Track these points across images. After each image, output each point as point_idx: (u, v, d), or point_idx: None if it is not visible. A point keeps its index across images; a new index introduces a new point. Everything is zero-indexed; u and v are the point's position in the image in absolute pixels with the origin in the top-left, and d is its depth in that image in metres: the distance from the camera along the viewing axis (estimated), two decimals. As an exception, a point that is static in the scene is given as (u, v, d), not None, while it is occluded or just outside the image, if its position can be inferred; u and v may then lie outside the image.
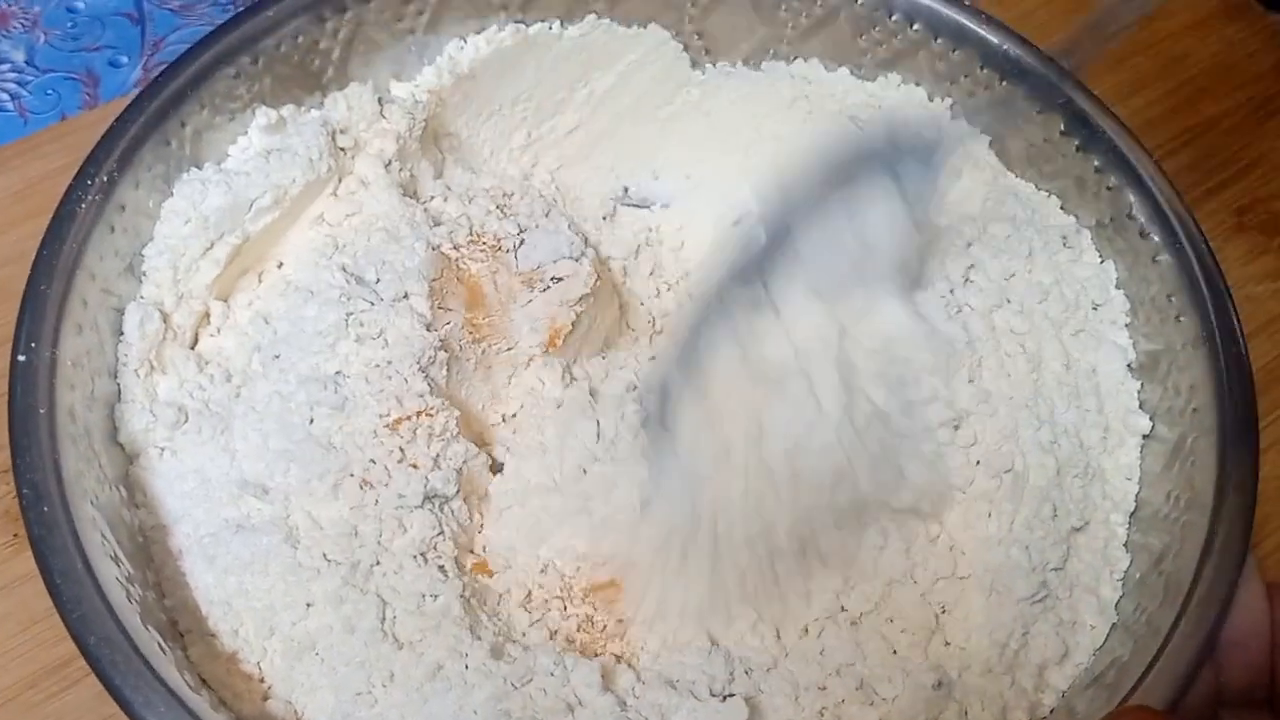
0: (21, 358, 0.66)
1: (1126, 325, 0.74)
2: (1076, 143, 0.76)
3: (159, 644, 0.61)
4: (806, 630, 0.67)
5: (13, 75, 0.99)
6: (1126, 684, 0.60)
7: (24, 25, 1.01)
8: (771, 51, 0.86)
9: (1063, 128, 0.77)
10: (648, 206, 0.90)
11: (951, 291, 0.75)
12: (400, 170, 0.79)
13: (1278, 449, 0.82)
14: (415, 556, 0.65)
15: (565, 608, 0.68)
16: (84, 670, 0.71)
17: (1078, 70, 0.72)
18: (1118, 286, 0.75)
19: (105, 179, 0.71)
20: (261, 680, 0.63)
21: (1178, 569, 0.63)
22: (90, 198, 0.70)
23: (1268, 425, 0.80)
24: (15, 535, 0.76)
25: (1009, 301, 0.74)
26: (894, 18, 0.80)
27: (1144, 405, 0.72)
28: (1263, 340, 0.85)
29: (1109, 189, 0.75)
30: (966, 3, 0.79)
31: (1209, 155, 0.91)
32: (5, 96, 0.98)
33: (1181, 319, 0.70)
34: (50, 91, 0.98)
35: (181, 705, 0.58)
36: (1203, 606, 0.60)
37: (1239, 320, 0.69)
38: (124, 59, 1.01)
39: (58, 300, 0.68)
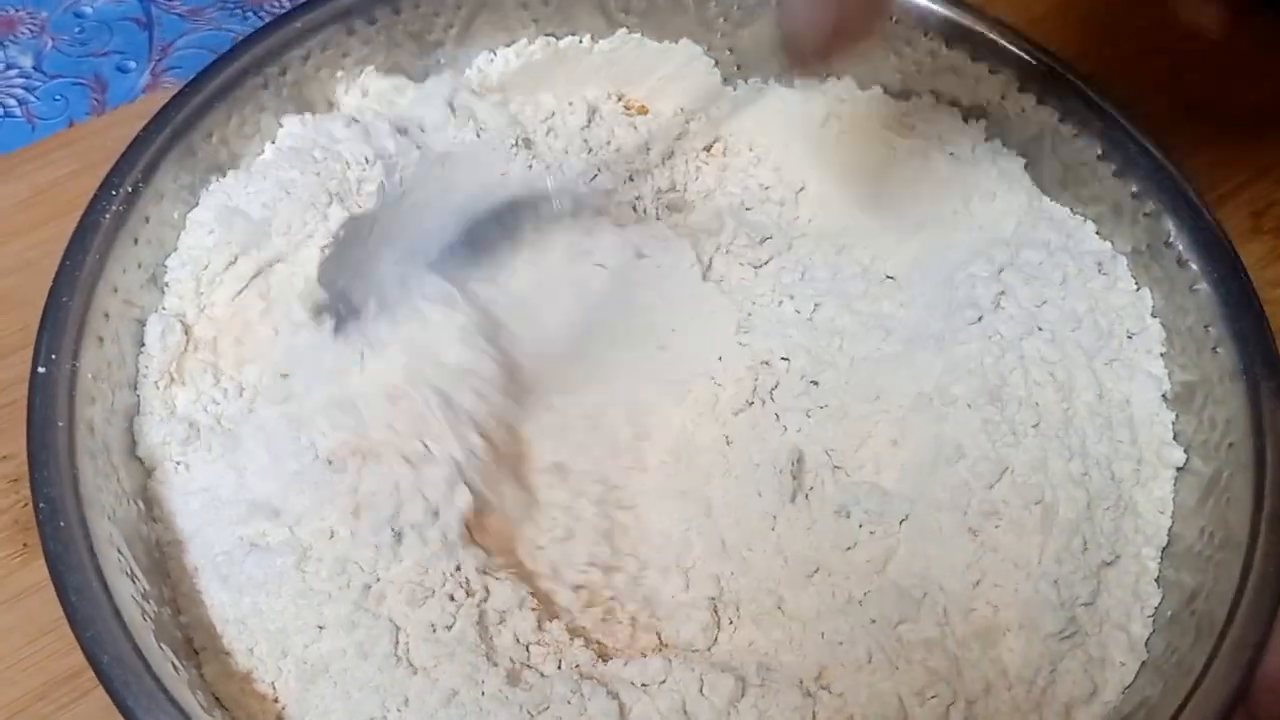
0: (42, 370, 0.65)
1: (1162, 355, 0.73)
2: (1114, 167, 0.75)
3: (173, 663, 0.61)
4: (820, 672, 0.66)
5: (20, 81, 0.98)
6: (1156, 726, 0.59)
7: (31, 31, 1.01)
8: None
9: (1100, 152, 0.76)
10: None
11: (980, 318, 0.73)
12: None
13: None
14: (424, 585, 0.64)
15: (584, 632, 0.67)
16: (94, 681, 0.70)
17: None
18: (1154, 315, 0.74)
19: (129, 189, 0.71)
20: (276, 700, 0.62)
21: (1210, 608, 0.62)
22: (114, 208, 0.70)
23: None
24: (25, 545, 0.76)
25: (1040, 329, 0.73)
26: (929, 36, 0.79)
27: (1178, 437, 0.70)
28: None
29: (1146, 215, 0.74)
30: (1005, 23, 0.78)
31: (1224, 158, 0.90)
32: (13, 103, 0.97)
33: (1219, 350, 0.69)
34: (58, 97, 0.98)
35: (194, 727, 0.57)
36: (1236, 648, 0.59)
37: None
38: (132, 64, 1.01)
39: (79, 312, 0.67)
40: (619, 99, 0.86)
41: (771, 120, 0.84)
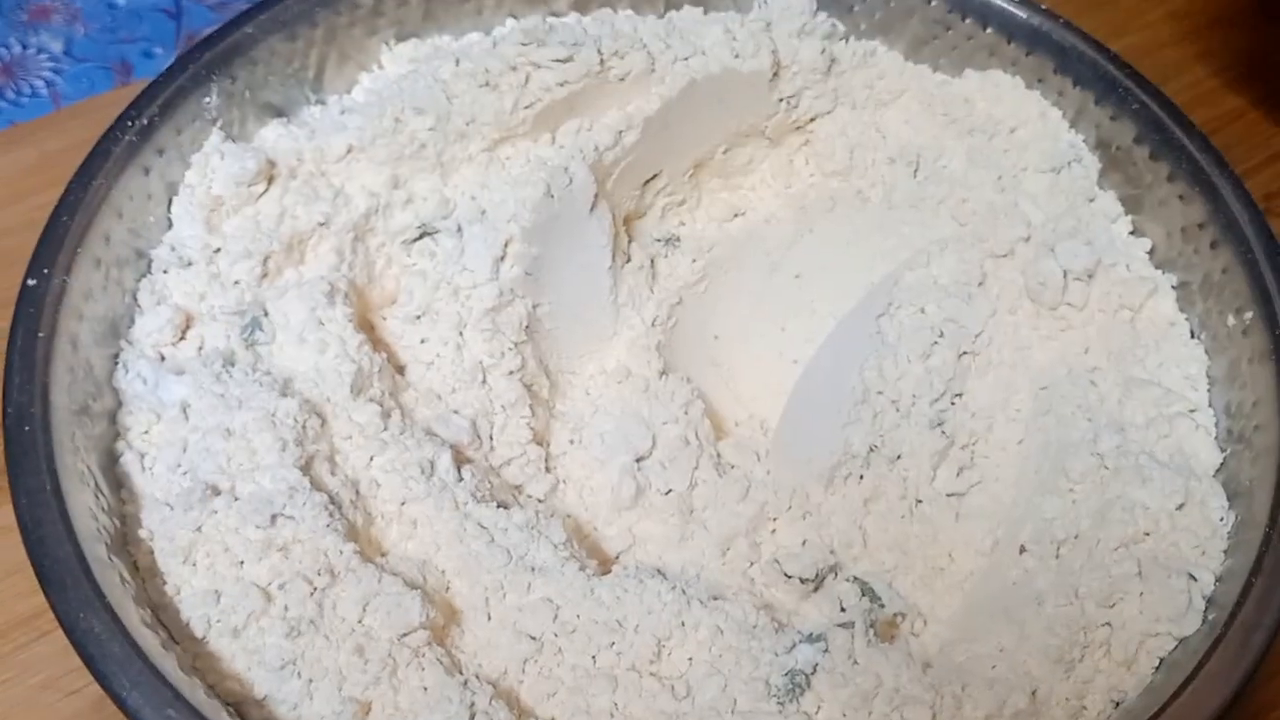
0: (31, 282, 0.65)
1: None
2: (1149, 150, 0.72)
3: (120, 575, 0.58)
4: None
5: (50, 64, 1.01)
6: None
7: (64, 19, 1.04)
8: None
9: (1135, 135, 0.73)
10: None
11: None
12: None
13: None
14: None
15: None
16: (53, 623, 0.69)
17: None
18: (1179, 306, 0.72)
19: (146, 121, 0.71)
20: (211, 626, 0.59)
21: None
22: (126, 138, 0.70)
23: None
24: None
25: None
26: (967, 21, 0.77)
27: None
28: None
29: (1180, 198, 0.71)
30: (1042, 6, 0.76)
31: (1234, 144, 0.91)
32: (40, 83, 1.00)
33: (1248, 334, 0.65)
34: (84, 80, 1.01)
35: (126, 637, 0.55)
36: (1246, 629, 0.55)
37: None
38: (158, 50, 1.03)
39: (78, 232, 0.67)
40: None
41: None
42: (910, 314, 0.73)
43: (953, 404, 0.72)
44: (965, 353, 0.73)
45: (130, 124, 0.71)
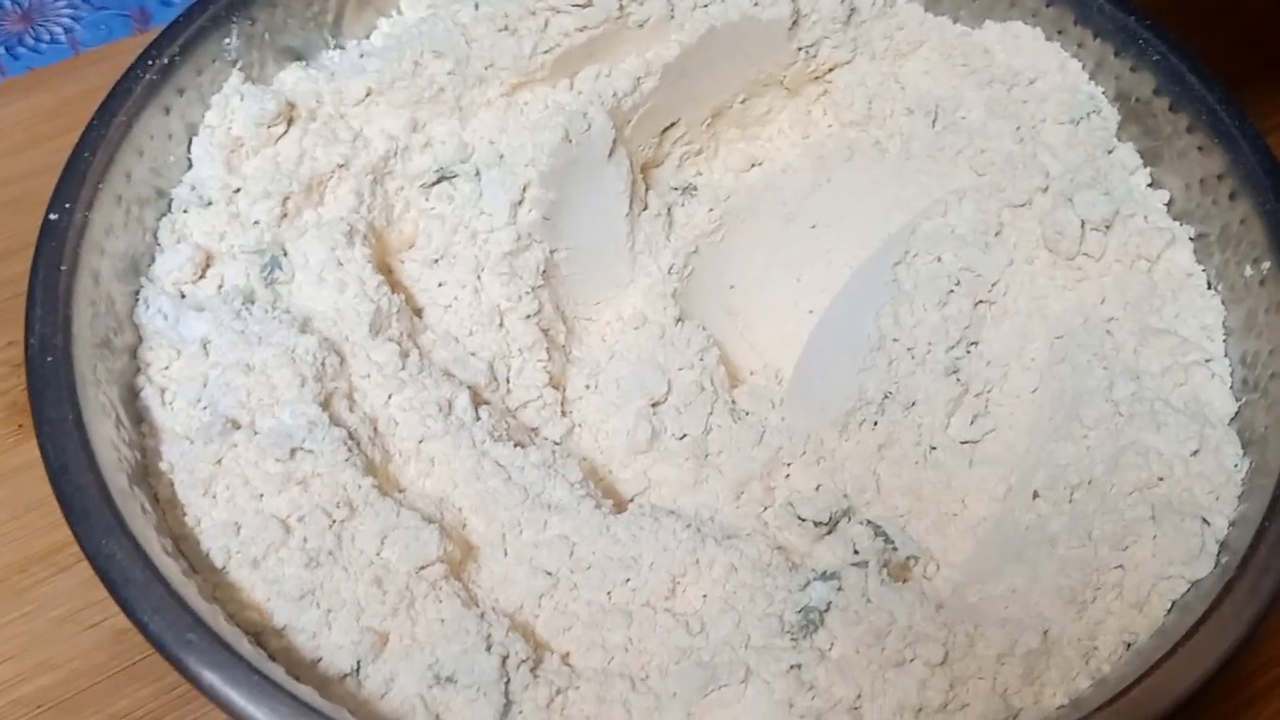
0: (53, 216, 0.65)
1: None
2: (1168, 101, 0.73)
3: (141, 505, 0.59)
4: None
5: (68, 11, 1.01)
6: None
7: None
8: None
9: (1155, 86, 0.73)
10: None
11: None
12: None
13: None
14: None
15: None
16: (74, 557, 0.71)
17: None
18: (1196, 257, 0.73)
19: (166, 61, 0.71)
20: (231, 559, 0.60)
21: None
22: (147, 77, 0.70)
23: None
24: (20, 426, 0.76)
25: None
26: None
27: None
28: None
29: (1200, 149, 0.72)
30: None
31: (1255, 101, 0.87)
32: (59, 30, 1.00)
33: (1265, 284, 0.66)
34: (102, 27, 1.01)
35: (148, 563, 0.55)
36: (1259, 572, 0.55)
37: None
38: None
39: (100, 168, 0.67)
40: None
41: None
42: (927, 262, 0.73)
43: (968, 352, 0.72)
44: (981, 301, 0.73)
45: (151, 63, 0.71)
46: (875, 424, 0.72)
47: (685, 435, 0.72)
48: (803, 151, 0.84)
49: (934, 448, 0.71)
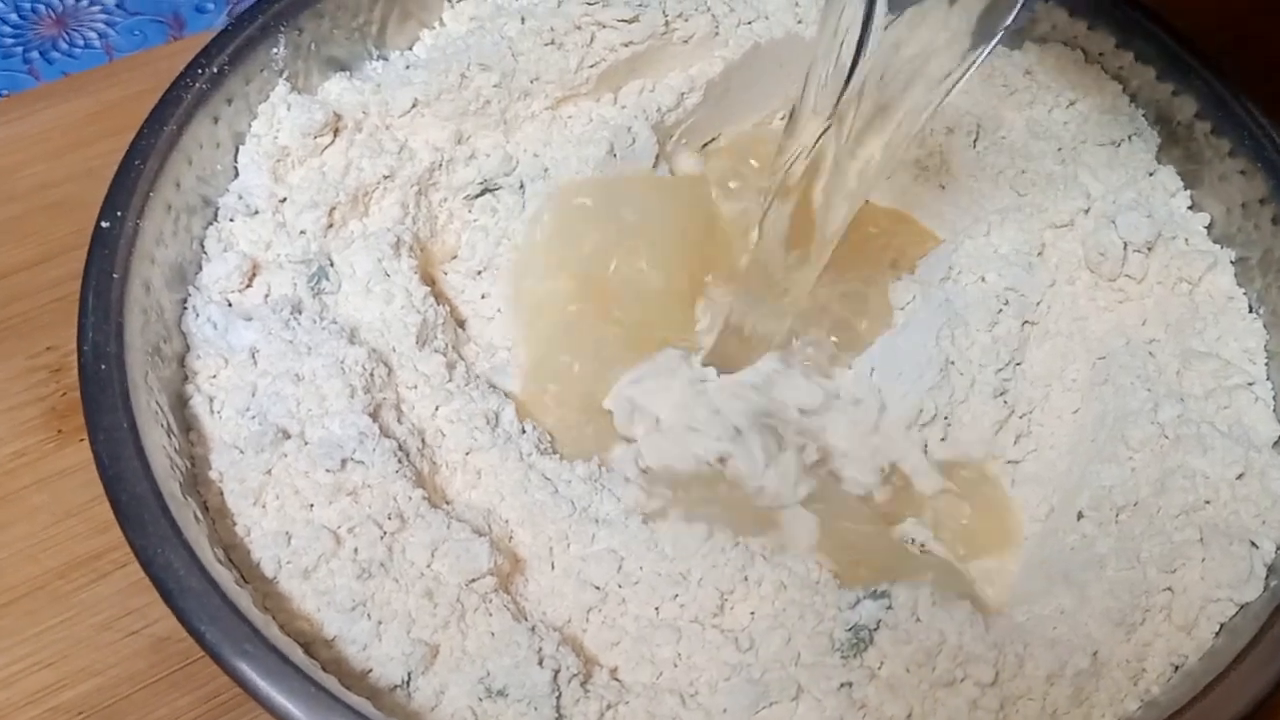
0: (105, 224, 0.65)
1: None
2: (1210, 125, 0.75)
3: (195, 514, 0.59)
4: None
5: (102, 16, 1.01)
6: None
7: None
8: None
9: (1197, 110, 0.76)
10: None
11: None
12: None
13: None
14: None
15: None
16: (114, 564, 0.71)
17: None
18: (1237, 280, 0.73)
19: (215, 70, 0.71)
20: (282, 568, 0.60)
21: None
22: (197, 85, 0.71)
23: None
24: (60, 431, 0.76)
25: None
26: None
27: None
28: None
29: (1242, 173, 0.73)
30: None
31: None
32: (93, 35, 1.00)
33: None
34: (137, 32, 1.01)
35: (203, 572, 0.55)
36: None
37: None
38: (210, 4, 1.03)
39: (150, 176, 0.67)
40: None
41: None
42: (973, 281, 0.73)
43: (1014, 373, 0.72)
44: (1027, 322, 0.73)
45: (201, 71, 0.71)
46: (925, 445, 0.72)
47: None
48: (843, 169, 0.85)
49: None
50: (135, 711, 0.68)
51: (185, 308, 0.68)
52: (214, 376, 0.66)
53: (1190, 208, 0.76)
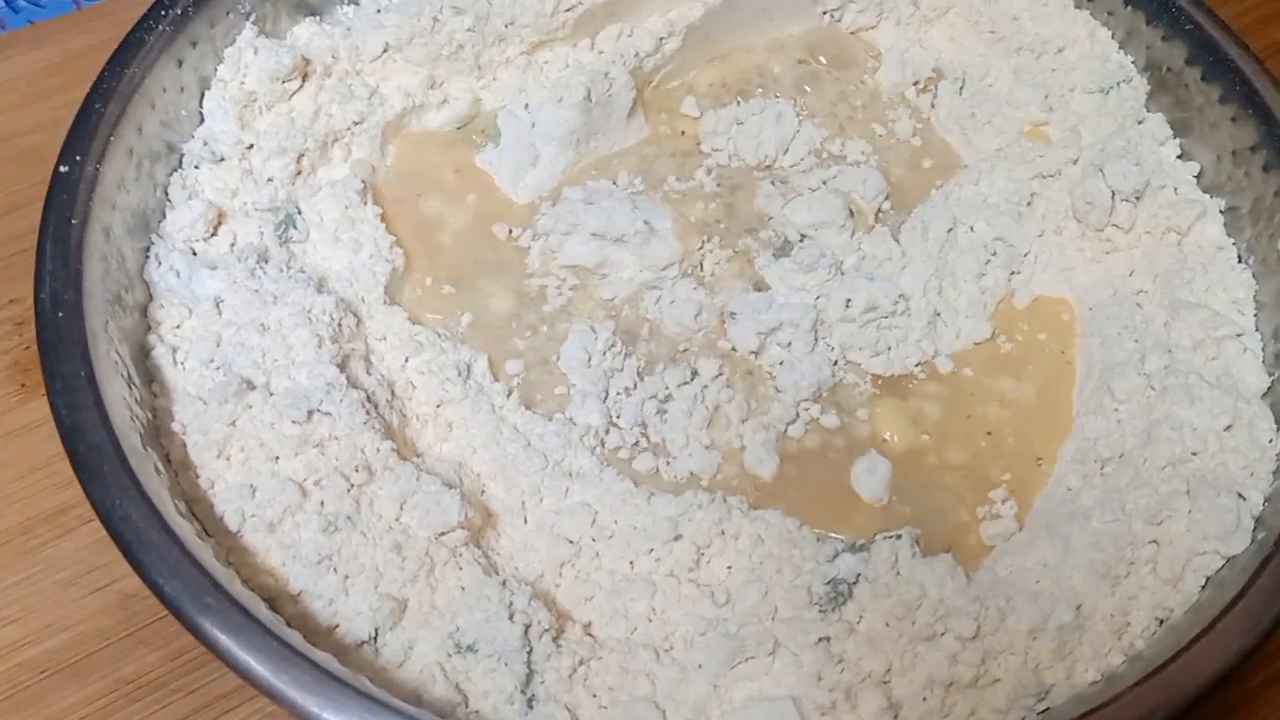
0: (63, 169, 0.64)
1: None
2: (1201, 71, 0.73)
3: (155, 466, 0.57)
4: None
5: None
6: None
7: None
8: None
9: (1187, 56, 0.73)
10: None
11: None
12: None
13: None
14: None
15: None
16: (79, 519, 0.70)
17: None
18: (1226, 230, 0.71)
19: (180, 12, 0.70)
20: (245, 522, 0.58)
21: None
22: (160, 28, 0.69)
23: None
24: (23, 385, 0.75)
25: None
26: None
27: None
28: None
29: (1232, 120, 0.72)
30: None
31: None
32: None
33: None
34: None
35: (163, 525, 0.54)
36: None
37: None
38: None
39: (111, 120, 0.65)
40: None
41: None
42: (964, 232, 0.72)
43: (999, 322, 0.71)
44: (1014, 273, 0.72)
45: (164, 14, 0.69)
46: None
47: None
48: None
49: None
50: (102, 667, 0.67)
51: (148, 256, 0.66)
52: (177, 326, 0.64)
53: (1180, 156, 0.74)
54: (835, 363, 0.69)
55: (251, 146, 0.70)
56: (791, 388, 0.68)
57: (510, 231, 0.73)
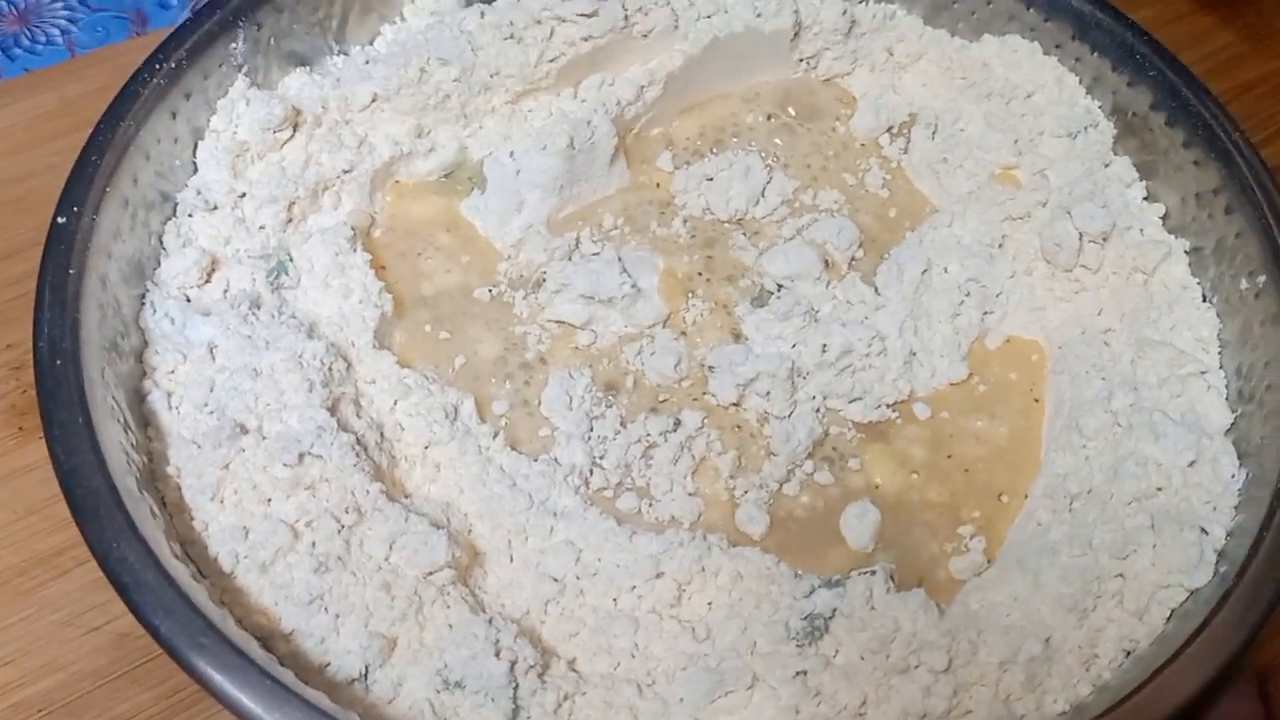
0: (61, 219, 0.65)
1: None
2: (1165, 116, 0.74)
3: (150, 509, 0.59)
4: None
5: (65, 12, 1.01)
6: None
7: None
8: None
9: (1152, 101, 0.75)
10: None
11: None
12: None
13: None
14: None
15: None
16: (75, 561, 0.71)
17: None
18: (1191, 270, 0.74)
19: (173, 65, 0.71)
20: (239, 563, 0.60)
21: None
22: (155, 81, 0.70)
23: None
24: (20, 429, 0.76)
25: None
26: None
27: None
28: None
29: (1195, 164, 0.74)
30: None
31: (1248, 115, 0.92)
32: (55, 32, 1.00)
33: (1261, 297, 0.67)
34: (99, 29, 1.00)
35: (159, 566, 0.55)
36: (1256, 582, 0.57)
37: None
38: (173, 0, 1.02)
39: (107, 171, 0.67)
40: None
41: None
42: (938, 273, 0.74)
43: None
44: (987, 312, 0.74)
45: (158, 67, 0.71)
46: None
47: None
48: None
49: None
50: (96, 707, 0.68)
51: (143, 303, 0.68)
52: (172, 372, 0.66)
53: (1146, 198, 0.76)
54: (818, 411, 0.71)
55: (244, 195, 0.72)
56: (785, 448, 0.69)
57: (490, 291, 0.74)
